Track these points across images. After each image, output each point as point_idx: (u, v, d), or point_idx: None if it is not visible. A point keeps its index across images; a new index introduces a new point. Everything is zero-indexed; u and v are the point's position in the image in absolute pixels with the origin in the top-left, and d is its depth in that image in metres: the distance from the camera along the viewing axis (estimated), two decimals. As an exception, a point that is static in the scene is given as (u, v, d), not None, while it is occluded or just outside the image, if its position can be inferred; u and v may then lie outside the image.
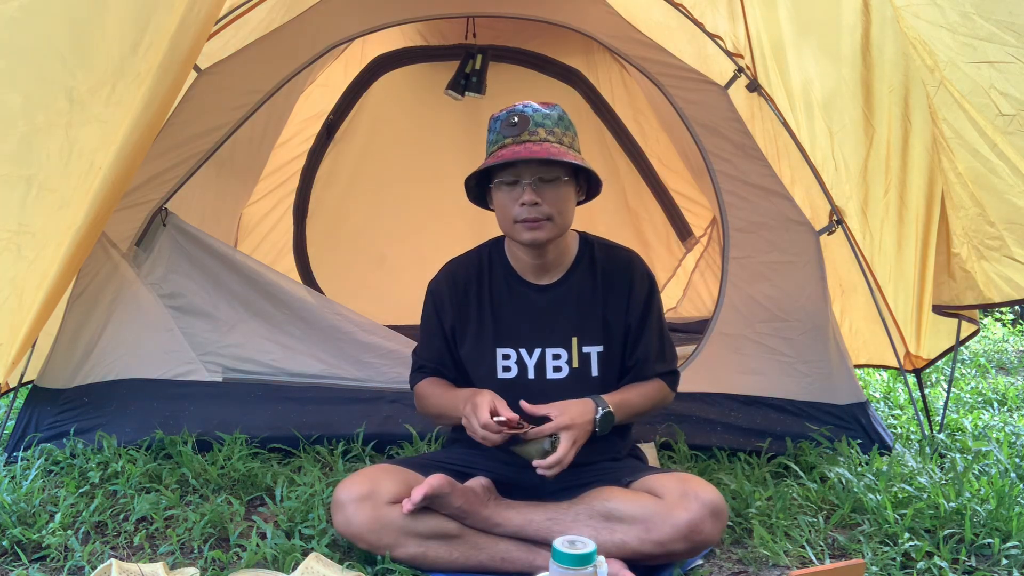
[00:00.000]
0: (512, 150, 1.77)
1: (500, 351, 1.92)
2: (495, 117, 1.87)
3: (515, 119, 1.81)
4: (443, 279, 2.00)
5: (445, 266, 2.03)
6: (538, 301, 1.92)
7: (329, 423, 2.59)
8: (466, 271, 1.98)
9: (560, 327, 1.90)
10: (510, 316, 1.93)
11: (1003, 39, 2.03)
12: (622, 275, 1.93)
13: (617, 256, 1.97)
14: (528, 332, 1.91)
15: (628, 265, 1.95)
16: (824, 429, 2.60)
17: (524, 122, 1.80)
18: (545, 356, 1.90)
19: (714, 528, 1.66)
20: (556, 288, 1.92)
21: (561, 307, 1.91)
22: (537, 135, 1.79)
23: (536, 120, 1.81)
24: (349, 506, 1.72)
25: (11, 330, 1.96)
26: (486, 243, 2.02)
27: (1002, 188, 2.19)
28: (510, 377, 1.91)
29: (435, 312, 1.98)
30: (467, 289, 1.95)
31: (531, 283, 1.94)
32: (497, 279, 1.95)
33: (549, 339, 1.90)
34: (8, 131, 1.88)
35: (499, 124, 1.84)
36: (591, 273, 1.93)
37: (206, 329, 2.63)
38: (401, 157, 4.11)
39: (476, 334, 1.94)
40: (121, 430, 2.48)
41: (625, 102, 4.18)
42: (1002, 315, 6.35)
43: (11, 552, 1.84)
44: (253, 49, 2.75)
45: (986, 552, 1.93)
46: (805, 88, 2.71)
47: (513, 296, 1.94)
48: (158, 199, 2.62)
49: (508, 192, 1.81)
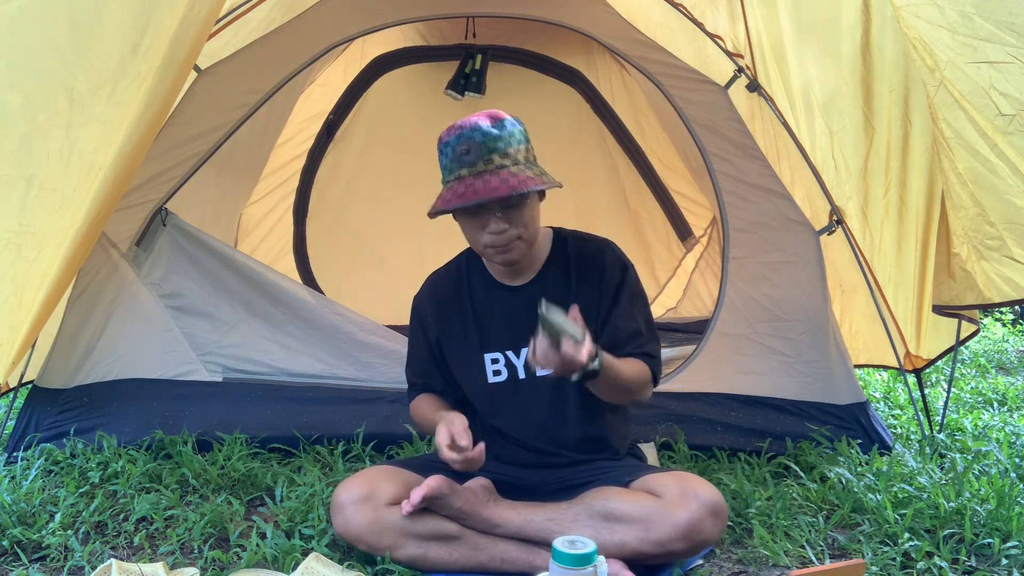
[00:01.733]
0: (471, 186, 1.71)
1: (488, 356, 1.92)
2: (445, 141, 1.78)
3: (465, 148, 1.74)
4: (425, 294, 2.03)
5: (427, 280, 2.06)
6: (515, 302, 1.91)
7: (329, 423, 2.59)
8: (446, 283, 2.00)
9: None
10: (492, 321, 1.93)
11: (1003, 39, 2.03)
12: (593, 264, 1.91)
13: (590, 247, 1.95)
14: (511, 334, 1.91)
15: (600, 254, 1.93)
16: (824, 429, 2.60)
17: (477, 150, 1.72)
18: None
19: (714, 527, 1.66)
20: (530, 288, 1.92)
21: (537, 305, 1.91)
22: (492, 163, 1.72)
23: (488, 146, 1.73)
24: (348, 508, 1.72)
25: (11, 330, 1.96)
26: (463, 253, 2.02)
27: (1002, 188, 2.19)
28: (501, 381, 1.92)
29: (419, 327, 2.02)
30: (448, 301, 1.97)
31: (507, 285, 1.94)
32: (476, 286, 1.96)
33: (530, 338, 1.90)
34: (8, 131, 1.88)
35: (450, 151, 1.76)
36: (564, 268, 1.93)
37: (206, 329, 2.63)
38: (401, 157, 4.11)
39: (463, 343, 1.95)
40: (121, 430, 2.48)
41: (625, 102, 4.18)
42: (1002, 315, 6.34)
43: (11, 552, 1.84)
44: (253, 49, 2.75)
45: (986, 552, 1.93)
46: (805, 88, 2.70)
47: (492, 301, 1.94)
48: (158, 199, 2.62)
49: (472, 221, 1.79)
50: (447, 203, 1.74)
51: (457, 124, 1.78)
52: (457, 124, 1.78)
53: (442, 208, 1.75)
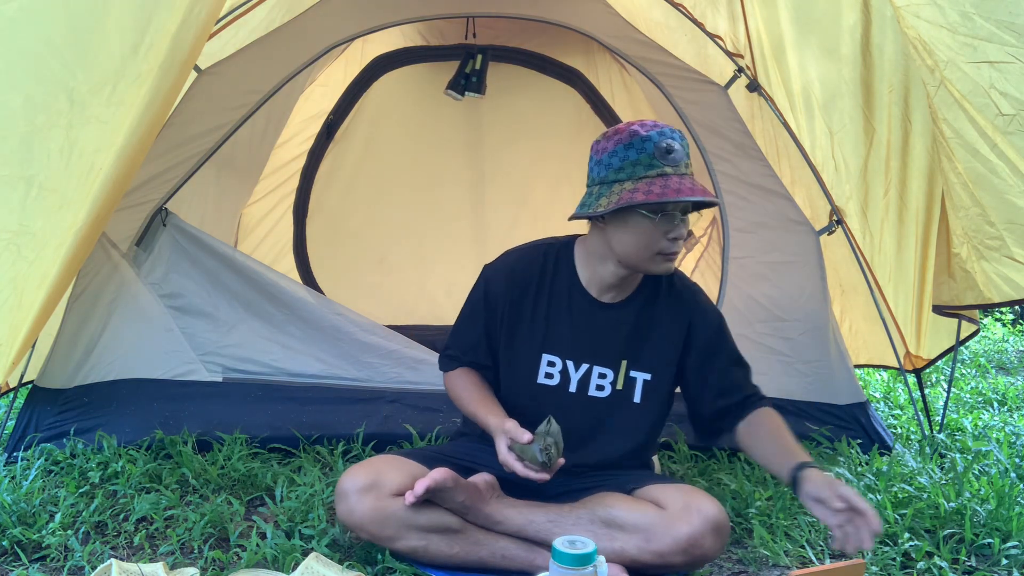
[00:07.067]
0: (681, 184, 1.70)
1: (546, 357, 1.89)
2: (643, 136, 1.74)
3: (670, 146, 1.73)
4: (501, 270, 1.93)
5: (505, 256, 1.97)
6: (597, 317, 1.89)
7: (329, 423, 2.59)
8: (527, 268, 1.92)
9: (613, 347, 1.88)
10: (565, 325, 1.89)
11: (1003, 39, 2.03)
12: (686, 309, 1.91)
13: (684, 288, 1.94)
14: (580, 345, 1.88)
15: (694, 299, 1.93)
16: (824, 429, 2.60)
17: (680, 152, 1.75)
18: (591, 373, 1.88)
19: (714, 544, 1.64)
20: (619, 308, 1.89)
21: (619, 327, 1.89)
22: (689, 167, 1.77)
23: (686, 150, 1.77)
24: (352, 496, 1.71)
25: (11, 330, 1.96)
26: (552, 244, 1.95)
27: (1002, 188, 2.19)
28: (551, 384, 1.89)
29: (484, 298, 1.91)
30: (526, 287, 1.90)
31: (594, 298, 1.90)
32: (559, 285, 1.90)
33: (599, 357, 1.88)
34: (8, 131, 1.87)
35: (652, 146, 1.73)
36: (654, 299, 1.91)
37: (206, 329, 2.63)
38: (401, 157, 4.10)
39: (525, 335, 1.90)
40: (121, 430, 2.48)
41: (625, 102, 4.17)
42: (1002, 315, 6.34)
43: (11, 552, 1.83)
44: (253, 49, 2.75)
45: (986, 552, 1.93)
46: (805, 88, 2.71)
47: (573, 306, 1.90)
48: (158, 199, 2.62)
49: (656, 223, 1.74)
50: (662, 196, 1.68)
51: (647, 124, 1.77)
52: (647, 124, 1.77)
53: (655, 201, 1.68)
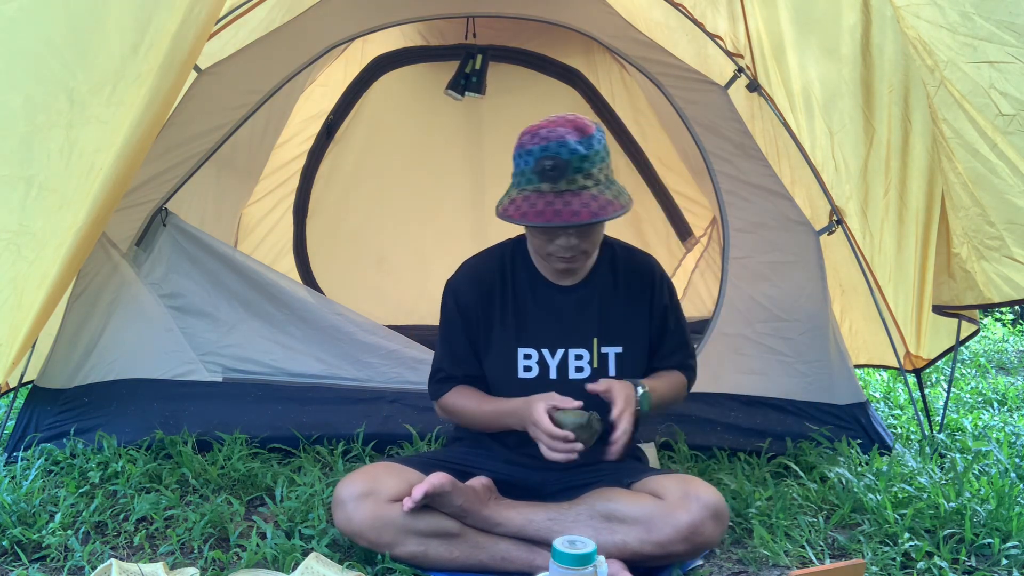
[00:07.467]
0: (551, 204, 1.67)
1: (521, 351, 1.90)
2: (527, 149, 1.71)
3: (550, 163, 1.67)
4: (466, 278, 1.96)
5: (464, 265, 2.00)
6: (562, 302, 1.91)
7: (329, 423, 2.59)
8: (489, 271, 1.95)
9: (582, 328, 1.91)
10: (533, 317, 1.92)
11: (1003, 39, 2.03)
12: (642, 280, 1.95)
13: (637, 260, 1.99)
14: (552, 333, 1.90)
15: (649, 270, 1.98)
16: (824, 429, 2.60)
17: (562, 169, 1.67)
18: (568, 357, 1.90)
19: (715, 530, 1.66)
20: (579, 289, 1.92)
21: (584, 308, 1.91)
22: (575, 183, 1.68)
23: (573, 166, 1.67)
24: (350, 503, 1.71)
25: (11, 330, 1.96)
26: (507, 243, 1.99)
27: (1002, 188, 2.19)
28: (531, 377, 1.90)
29: (457, 313, 1.93)
30: (491, 289, 1.93)
31: (555, 284, 1.93)
32: (520, 279, 1.94)
33: (572, 340, 1.90)
34: (8, 131, 1.88)
35: (533, 161, 1.69)
36: (612, 275, 1.94)
37: (206, 329, 2.63)
38: (401, 157, 4.10)
39: (498, 335, 1.92)
40: (121, 430, 2.48)
41: (625, 102, 4.18)
42: (1002, 315, 6.34)
43: (11, 552, 1.84)
44: (253, 49, 2.75)
45: (986, 552, 1.93)
46: (805, 88, 2.71)
47: (537, 297, 1.92)
48: (158, 199, 2.62)
49: (542, 233, 1.77)
50: (524, 216, 1.69)
51: (542, 132, 1.71)
52: (542, 132, 1.71)
53: (518, 220, 1.71)
